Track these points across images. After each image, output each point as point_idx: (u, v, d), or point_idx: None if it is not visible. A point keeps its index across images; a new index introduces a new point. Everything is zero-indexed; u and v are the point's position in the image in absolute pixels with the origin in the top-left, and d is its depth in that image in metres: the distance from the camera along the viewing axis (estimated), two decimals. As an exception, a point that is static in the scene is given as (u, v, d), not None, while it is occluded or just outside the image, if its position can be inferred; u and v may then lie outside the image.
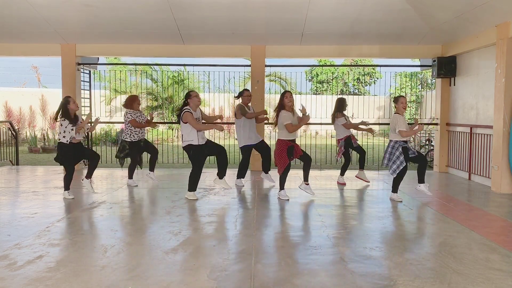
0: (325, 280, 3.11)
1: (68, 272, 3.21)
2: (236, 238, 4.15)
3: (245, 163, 6.73)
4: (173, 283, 3.04)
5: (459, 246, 3.88)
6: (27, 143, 15.50)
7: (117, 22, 7.74)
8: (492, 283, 3.07)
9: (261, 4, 6.99)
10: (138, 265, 3.38)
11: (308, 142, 12.56)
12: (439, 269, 3.32)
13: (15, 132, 10.12)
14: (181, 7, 7.08)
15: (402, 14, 7.14)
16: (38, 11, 7.29)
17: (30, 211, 5.12)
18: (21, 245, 3.84)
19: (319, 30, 7.93)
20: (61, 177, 7.85)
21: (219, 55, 8.95)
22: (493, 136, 6.75)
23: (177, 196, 6.04)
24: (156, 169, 7.04)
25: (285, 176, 5.83)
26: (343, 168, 7.12)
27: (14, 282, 3.03)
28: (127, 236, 4.16)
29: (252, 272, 3.24)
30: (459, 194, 6.49)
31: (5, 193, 6.36)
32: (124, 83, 18.16)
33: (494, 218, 5.01)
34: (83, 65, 9.02)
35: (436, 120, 8.88)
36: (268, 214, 5.13)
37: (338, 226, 4.65)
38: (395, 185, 5.80)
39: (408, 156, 5.64)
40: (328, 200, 5.93)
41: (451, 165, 8.57)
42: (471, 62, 7.85)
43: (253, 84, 8.67)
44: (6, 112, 17.44)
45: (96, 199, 5.83)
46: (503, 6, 5.89)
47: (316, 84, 23.93)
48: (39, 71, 27.60)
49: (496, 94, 6.60)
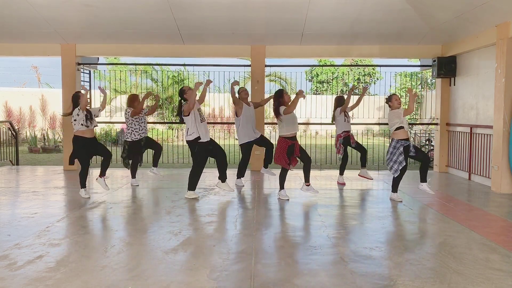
0: (325, 280, 3.11)
1: (68, 272, 3.21)
2: (236, 238, 4.15)
3: (245, 160, 6.74)
4: (173, 283, 3.04)
5: (459, 246, 3.88)
6: (27, 143, 15.50)
7: (117, 22, 7.74)
8: (492, 283, 3.07)
9: (261, 4, 6.99)
10: (138, 265, 3.38)
11: (308, 142, 12.56)
12: (439, 269, 3.32)
13: (15, 132, 10.12)
14: (181, 7, 7.09)
15: (402, 14, 7.14)
16: (38, 11, 7.29)
17: (30, 211, 5.12)
18: (21, 245, 3.84)
19: (319, 30, 7.93)
20: (61, 177, 7.88)
21: (219, 55, 8.95)
22: (493, 136, 6.75)
23: (177, 196, 6.05)
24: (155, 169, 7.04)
25: (284, 176, 5.84)
26: (341, 167, 7.14)
27: (14, 282, 3.03)
28: (127, 236, 4.16)
29: (252, 272, 3.24)
30: (459, 194, 6.49)
31: (5, 193, 6.36)
32: (124, 83, 18.16)
33: (494, 218, 5.01)
34: (83, 65, 9.02)
35: (436, 120, 8.88)
36: (268, 214, 5.13)
37: (338, 226, 4.65)
38: (394, 185, 5.80)
39: (408, 154, 5.64)
40: (328, 200, 5.93)
41: (451, 165, 8.57)
42: (471, 62, 7.85)
43: (253, 84, 8.67)
44: (6, 112, 17.44)
45: (96, 199, 5.83)
46: (503, 6, 5.89)
47: (316, 84, 23.93)
48: (39, 71, 27.63)
49: (496, 94, 6.60)
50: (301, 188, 6.09)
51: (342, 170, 7.13)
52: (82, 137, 5.72)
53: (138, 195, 6.33)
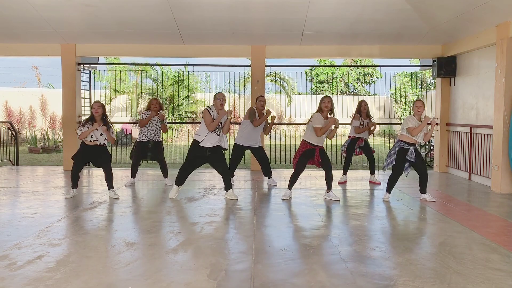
0: (325, 280, 3.11)
1: (68, 272, 3.21)
2: (236, 238, 4.15)
3: (232, 159, 6.74)
4: (173, 283, 3.04)
5: (459, 246, 3.88)
6: (27, 143, 15.50)
7: (117, 22, 7.74)
8: (492, 283, 3.06)
9: (261, 4, 6.99)
10: (138, 265, 3.38)
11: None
12: (439, 269, 3.32)
13: (15, 132, 10.12)
14: (181, 7, 7.08)
15: (402, 14, 7.14)
16: (38, 11, 7.29)
17: (30, 211, 5.12)
18: (21, 245, 3.83)
19: (319, 30, 7.93)
20: (61, 177, 7.88)
21: (219, 55, 8.95)
22: (493, 136, 6.75)
23: (177, 196, 6.04)
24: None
25: (295, 177, 5.85)
26: (345, 166, 7.26)
27: (14, 282, 3.03)
28: (127, 236, 4.15)
29: (252, 272, 3.24)
30: (459, 194, 6.49)
31: (5, 193, 6.36)
32: (124, 83, 18.16)
33: (494, 218, 5.01)
34: (83, 65, 9.02)
35: (436, 120, 8.88)
36: (268, 214, 5.13)
37: (338, 226, 4.65)
38: (388, 185, 5.87)
39: (404, 158, 5.66)
40: (328, 200, 5.92)
41: (451, 165, 8.57)
42: (471, 62, 7.85)
43: (253, 84, 8.68)
44: (6, 112, 17.43)
45: (96, 199, 5.83)
46: (503, 6, 5.89)
47: (316, 84, 23.93)
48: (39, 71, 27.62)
49: (496, 94, 6.60)
50: (324, 196, 6.00)
51: (345, 170, 7.27)
52: (84, 142, 5.81)
53: (138, 195, 6.33)
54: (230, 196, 5.87)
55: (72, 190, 5.92)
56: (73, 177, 5.87)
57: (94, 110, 5.72)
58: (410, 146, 5.66)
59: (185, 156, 5.97)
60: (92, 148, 5.77)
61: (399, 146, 5.70)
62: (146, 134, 6.68)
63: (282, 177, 7.72)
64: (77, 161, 5.80)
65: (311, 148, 5.72)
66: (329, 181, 5.84)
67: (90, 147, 5.76)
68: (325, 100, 5.69)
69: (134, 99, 18.25)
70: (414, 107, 5.75)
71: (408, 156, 5.62)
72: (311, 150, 5.72)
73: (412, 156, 5.61)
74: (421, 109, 5.69)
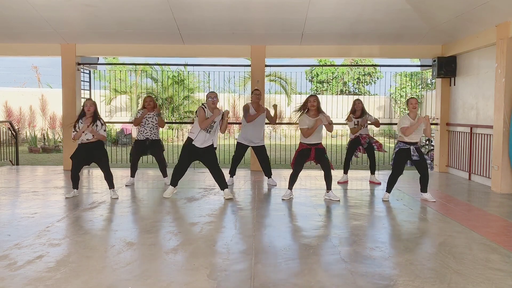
0: (325, 280, 3.11)
1: (68, 272, 3.21)
2: (236, 238, 4.15)
3: (235, 158, 6.88)
4: (173, 283, 3.04)
5: (459, 246, 3.88)
6: (27, 143, 15.49)
7: (117, 22, 7.74)
8: (492, 283, 3.06)
9: (261, 4, 6.99)
10: (138, 265, 3.38)
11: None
12: (439, 269, 3.32)
13: (15, 132, 10.12)
14: (181, 7, 7.08)
15: (402, 14, 7.14)
16: (38, 11, 7.28)
17: (30, 211, 5.12)
18: (21, 245, 3.83)
19: (319, 30, 7.93)
20: (61, 177, 7.88)
21: (219, 55, 8.95)
22: (493, 136, 6.75)
23: (177, 196, 6.04)
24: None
25: (294, 177, 5.85)
26: (345, 166, 7.28)
27: (14, 282, 3.03)
28: (127, 236, 4.15)
29: (252, 272, 3.24)
30: (459, 194, 6.49)
31: (5, 193, 6.36)
32: (124, 83, 18.15)
33: (494, 218, 5.01)
34: (83, 65, 9.02)
35: (436, 120, 8.88)
36: (268, 214, 5.13)
37: (338, 226, 4.65)
38: (388, 185, 5.87)
39: (405, 158, 5.68)
40: (328, 200, 5.92)
41: (451, 165, 8.56)
42: (471, 62, 7.85)
43: (253, 84, 8.67)
44: (6, 112, 17.43)
45: (96, 199, 5.83)
46: (503, 6, 5.89)
47: (316, 84, 23.92)
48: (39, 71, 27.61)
49: (496, 94, 6.60)
50: (324, 197, 5.99)
51: (344, 169, 7.30)
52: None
53: (138, 195, 6.33)
54: (227, 195, 5.88)
55: (73, 190, 5.93)
56: (73, 178, 5.87)
57: (86, 108, 5.74)
58: (410, 145, 5.67)
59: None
60: (87, 145, 5.76)
61: (399, 147, 5.73)
62: (143, 133, 6.71)
63: (282, 177, 7.71)
64: (75, 160, 5.80)
65: (308, 148, 5.72)
66: (328, 181, 5.84)
67: (86, 145, 5.76)
68: (310, 99, 5.70)
69: (134, 99, 18.24)
70: (408, 104, 5.75)
71: (413, 155, 5.64)
72: (307, 150, 5.73)
73: (416, 154, 5.63)
74: (416, 106, 5.71)
